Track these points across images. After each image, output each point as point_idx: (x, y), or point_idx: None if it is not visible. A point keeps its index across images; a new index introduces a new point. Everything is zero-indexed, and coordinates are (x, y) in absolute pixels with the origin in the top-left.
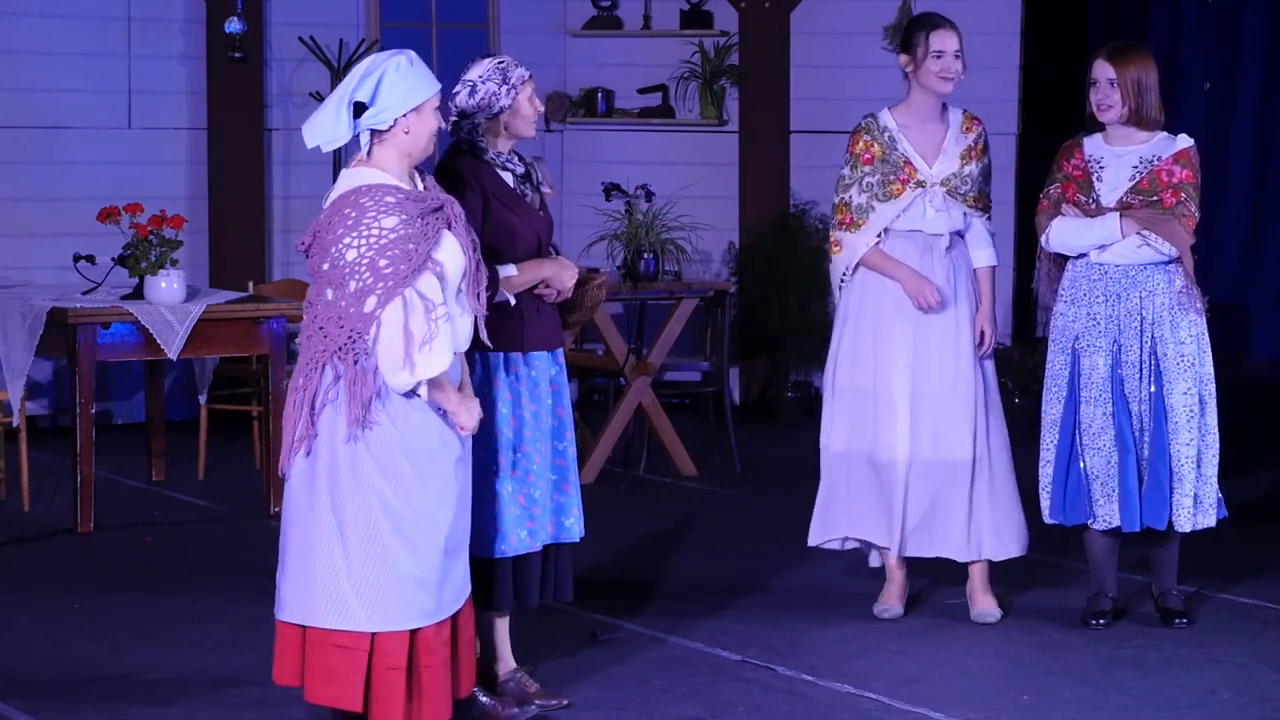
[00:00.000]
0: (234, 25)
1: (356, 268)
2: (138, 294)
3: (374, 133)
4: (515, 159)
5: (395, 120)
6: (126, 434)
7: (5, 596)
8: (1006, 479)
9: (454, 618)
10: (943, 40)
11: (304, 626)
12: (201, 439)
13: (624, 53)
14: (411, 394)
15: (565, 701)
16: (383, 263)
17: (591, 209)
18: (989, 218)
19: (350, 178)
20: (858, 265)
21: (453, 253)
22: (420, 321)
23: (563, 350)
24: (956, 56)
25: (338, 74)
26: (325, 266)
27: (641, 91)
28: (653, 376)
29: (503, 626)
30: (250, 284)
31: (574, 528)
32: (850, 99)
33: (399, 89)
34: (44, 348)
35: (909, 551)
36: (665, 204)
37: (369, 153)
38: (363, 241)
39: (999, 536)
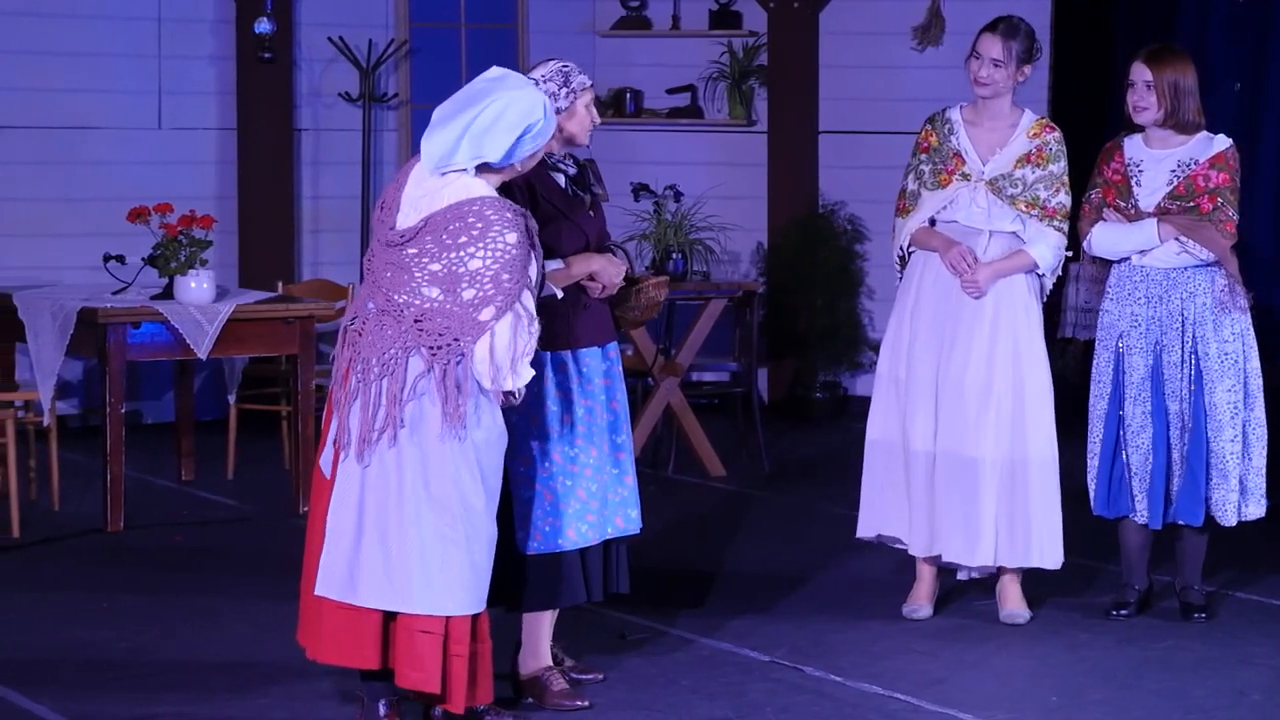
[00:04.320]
0: (263, 26)
1: (479, 277)
2: (167, 294)
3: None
4: (569, 160)
5: (514, 162)
6: (156, 434)
7: (35, 595)
8: (1043, 484)
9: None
10: (983, 43)
11: (385, 612)
12: (230, 439)
13: (653, 53)
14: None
15: (587, 703)
16: (505, 277)
17: (620, 209)
18: (1058, 229)
19: (466, 186)
20: (909, 249)
21: (535, 268)
22: (524, 333)
23: (615, 345)
24: (995, 65)
25: (366, 74)
26: (436, 267)
27: (670, 92)
28: (681, 377)
29: (549, 622)
30: (279, 284)
31: (636, 519)
32: (879, 99)
33: (528, 146)
34: (74, 347)
35: (935, 551)
36: (694, 204)
37: (475, 171)
38: (488, 254)
39: (1025, 544)
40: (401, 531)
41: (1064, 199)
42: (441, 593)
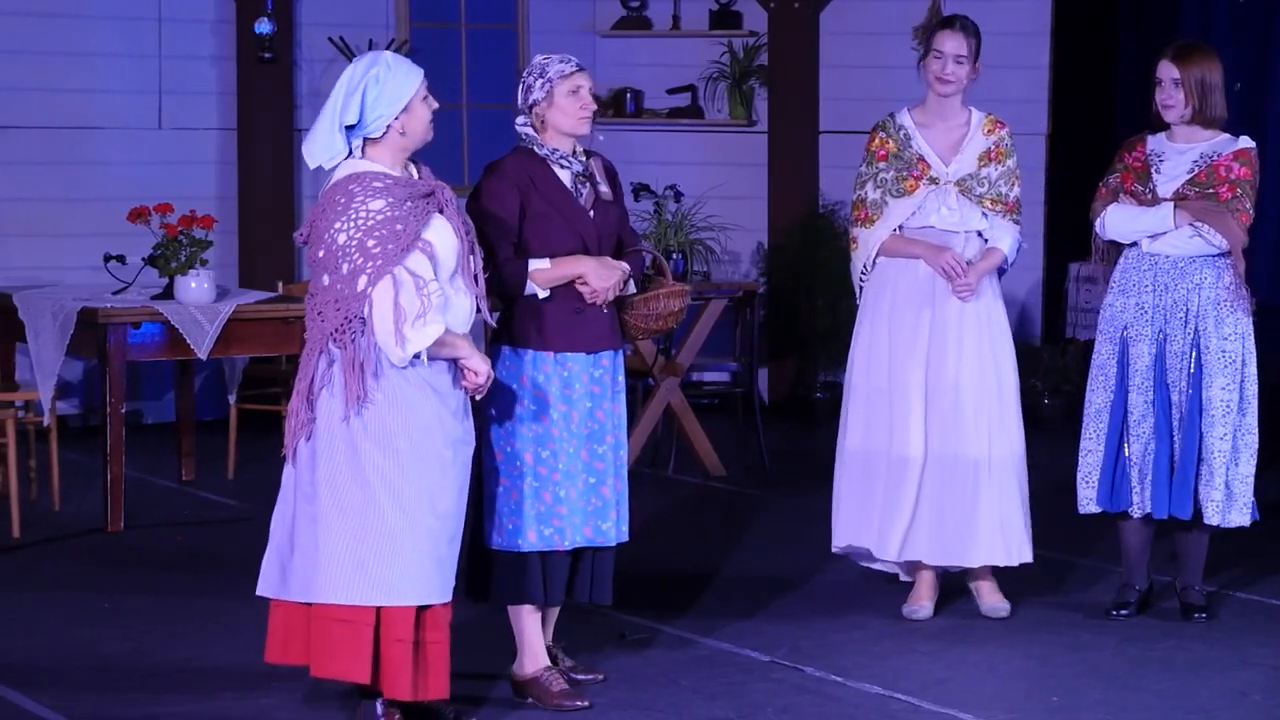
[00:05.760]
0: (264, 26)
1: (347, 250)
2: (168, 294)
3: (368, 138)
4: (576, 158)
5: (388, 126)
6: (156, 433)
7: (36, 595)
8: (1020, 482)
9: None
10: (943, 41)
11: (307, 604)
12: (231, 438)
13: (653, 53)
14: (414, 362)
15: (587, 703)
16: (371, 243)
17: None
18: (1016, 222)
19: (343, 168)
20: (876, 258)
21: (444, 234)
22: (411, 297)
23: (611, 354)
24: (958, 61)
25: None
26: (320, 254)
27: (670, 92)
28: (681, 377)
29: (534, 622)
30: (279, 284)
31: (610, 532)
32: (879, 99)
33: (384, 99)
34: (74, 347)
35: (912, 556)
36: (694, 204)
37: (362, 152)
38: (352, 225)
39: (1009, 540)
40: (314, 523)
41: (1019, 192)
42: (362, 581)
